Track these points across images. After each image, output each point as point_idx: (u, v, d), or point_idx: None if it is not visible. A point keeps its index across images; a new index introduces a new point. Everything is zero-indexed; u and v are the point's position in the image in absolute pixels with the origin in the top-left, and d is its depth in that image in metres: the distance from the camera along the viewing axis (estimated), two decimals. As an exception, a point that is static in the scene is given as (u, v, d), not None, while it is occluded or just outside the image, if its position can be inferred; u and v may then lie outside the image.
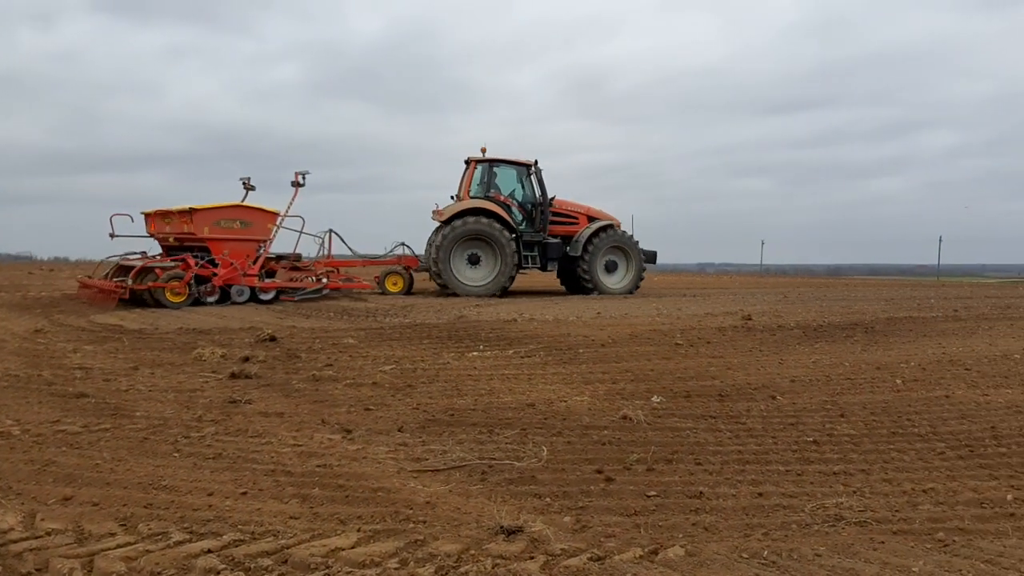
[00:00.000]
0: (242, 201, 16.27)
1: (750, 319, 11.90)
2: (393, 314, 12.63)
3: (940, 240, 43.05)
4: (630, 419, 5.63)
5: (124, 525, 3.55)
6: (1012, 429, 5.56)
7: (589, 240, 19.05)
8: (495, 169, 19.03)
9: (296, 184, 16.58)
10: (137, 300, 14.01)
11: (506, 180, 19.23)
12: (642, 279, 20.30)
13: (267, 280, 15.79)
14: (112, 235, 15.73)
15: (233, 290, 15.09)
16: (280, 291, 15.90)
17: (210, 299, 14.71)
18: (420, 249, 19.34)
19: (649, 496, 4.06)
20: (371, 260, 19.39)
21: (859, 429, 5.51)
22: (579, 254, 18.97)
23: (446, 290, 18.14)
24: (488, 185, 18.85)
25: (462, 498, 4.01)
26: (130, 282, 14.06)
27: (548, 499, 4.01)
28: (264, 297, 15.51)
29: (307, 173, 16.66)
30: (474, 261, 18.25)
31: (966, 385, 7.19)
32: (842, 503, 3.94)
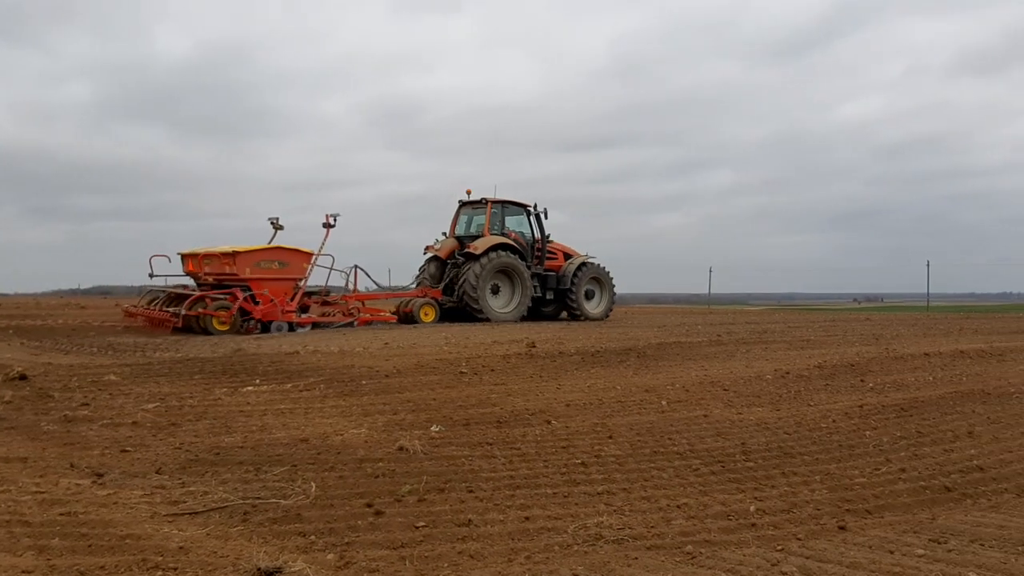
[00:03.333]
0: (271, 241, 17.44)
1: (534, 346, 12.21)
2: (164, 348, 11.89)
3: (710, 271, 46.29)
4: (406, 450, 5.58)
5: None
6: (760, 444, 6.02)
7: (575, 273, 21.78)
8: (505, 210, 21.31)
9: (327, 225, 17.85)
10: (187, 327, 15.10)
11: (513, 219, 21.62)
12: (614, 304, 23.47)
13: (302, 316, 16.94)
14: (151, 275, 17.04)
15: (273, 325, 16.07)
16: (314, 324, 17.00)
17: (253, 333, 15.56)
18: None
19: (418, 527, 4.03)
20: (394, 292, 20.90)
21: (625, 449, 5.77)
22: (568, 286, 21.61)
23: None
24: (502, 223, 21.12)
25: (220, 541, 3.79)
26: (183, 311, 15.02)
27: (313, 537, 3.88)
28: (301, 331, 16.34)
29: (337, 215, 18.01)
30: (495, 291, 20.46)
31: (723, 405, 7.72)
32: (603, 522, 4.08)
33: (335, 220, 17.95)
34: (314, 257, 17.39)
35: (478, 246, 19.96)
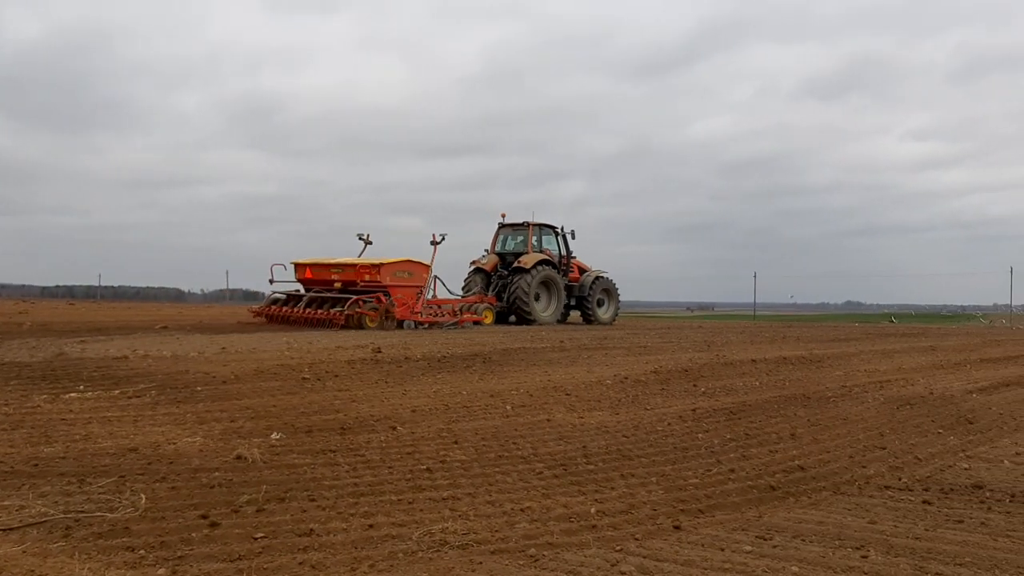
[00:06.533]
0: (361, 253, 21.23)
1: (380, 351, 12.08)
2: (-24, 352, 10.95)
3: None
4: (245, 458, 5.38)
5: None
6: (600, 447, 6.20)
7: (591, 284, 26.14)
8: (542, 231, 25.31)
9: (435, 243, 21.03)
10: (345, 324, 18.05)
11: (545, 239, 25.48)
12: (619, 311, 27.79)
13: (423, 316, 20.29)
14: (271, 280, 20.78)
15: (405, 324, 19.53)
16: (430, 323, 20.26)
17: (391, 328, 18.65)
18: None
19: (257, 538, 3.89)
20: (458, 299, 23.45)
21: (470, 454, 5.79)
22: (585, 294, 26.00)
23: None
24: (540, 242, 25.17)
25: (38, 559, 3.52)
26: (346, 310, 18.26)
27: (142, 551, 3.67)
28: (422, 328, 19.58)
29: (444, 235, 21.18)
30: (536, 299, 24.01)
31: (565, 409, 7.89)
32: (448, 528, 4.08)
33: (442, 238, 21.14)
34: (432, 269, 20.94)
35: (527, 261, 23.97)
